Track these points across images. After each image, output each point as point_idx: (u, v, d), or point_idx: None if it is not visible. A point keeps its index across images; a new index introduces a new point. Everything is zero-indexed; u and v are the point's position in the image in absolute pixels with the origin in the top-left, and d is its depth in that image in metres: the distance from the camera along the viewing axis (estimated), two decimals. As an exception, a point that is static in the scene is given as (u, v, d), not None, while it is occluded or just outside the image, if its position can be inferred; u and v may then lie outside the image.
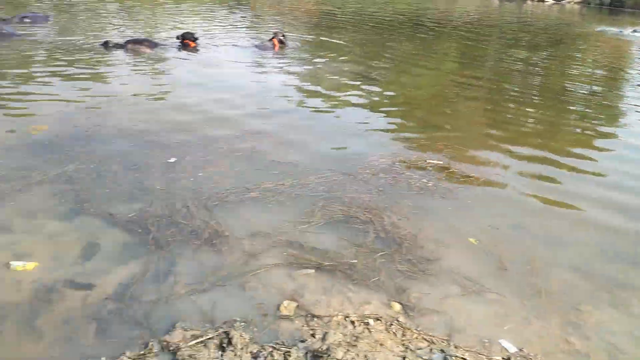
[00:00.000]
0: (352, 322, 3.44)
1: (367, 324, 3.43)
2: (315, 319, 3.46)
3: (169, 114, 7.62)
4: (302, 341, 3.24)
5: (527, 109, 9.20)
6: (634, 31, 20.55)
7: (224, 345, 3.16)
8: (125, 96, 8.35)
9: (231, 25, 17.42)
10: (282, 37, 13.82)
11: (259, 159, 6.08)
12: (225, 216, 4.68)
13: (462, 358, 3.20)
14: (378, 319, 3.50)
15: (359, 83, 10.30)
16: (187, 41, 12.83)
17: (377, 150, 6.61)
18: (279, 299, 3.64)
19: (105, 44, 12.10)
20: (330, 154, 6.42)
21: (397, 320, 3.51)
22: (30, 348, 3.12)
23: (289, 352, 3.09)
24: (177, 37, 12.97)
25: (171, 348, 3.13)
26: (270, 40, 13.72)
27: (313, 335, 3.30)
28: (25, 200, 4.77)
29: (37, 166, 5.47)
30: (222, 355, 3.10)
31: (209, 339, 3.21)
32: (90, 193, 4.94)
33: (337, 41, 14.87)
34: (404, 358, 3.17)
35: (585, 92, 11.23)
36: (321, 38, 15.57)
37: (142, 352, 3.10)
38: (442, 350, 3.26)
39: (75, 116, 7.18)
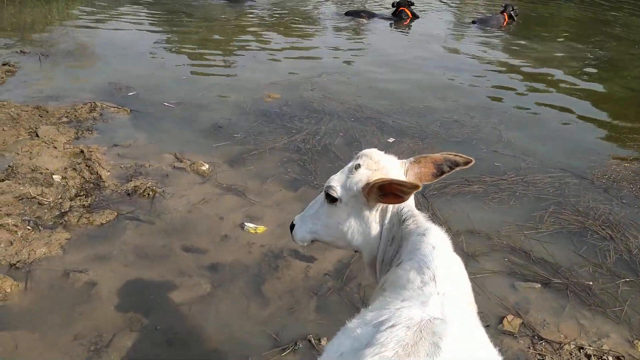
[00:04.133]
0: (588, 356, 3.05)
1: (606, 361, 3.01)
2: (542, 342, 3.15)
3: (383, 92, 7.58)
4: (529, 366, 2.98)
5: None
6: None
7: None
8: (340, 70, 8.56)
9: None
10: (512, 12, 12.81)
11: (478, 147, 5.73)
12: (442, 207, 4.50)
13: None
14: (618, 358, 3.05)
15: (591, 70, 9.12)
16: (402, 8, 12.77)
17: (617, 153, 5.76)
18: (500, 311, 3.39)
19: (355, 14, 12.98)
20: (561, 151, 5.76)
21: (642, 364, 3.02)
22: (256, 312, 3.33)
23: (515, 375, 2.85)
24: (393, 4, 12.98)
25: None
26: (501, 13, 12.82)
27: (541, 362, 3.00)
28: (259, 165, 5.15)
29: (269, 133, 5.87)
30: None
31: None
32: (314, 165, 5.16)
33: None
34: (652, 413, 2.71)
35: None
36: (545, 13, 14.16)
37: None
38: (701, 415, 2.71)
39: (301, 86, 7.54)
